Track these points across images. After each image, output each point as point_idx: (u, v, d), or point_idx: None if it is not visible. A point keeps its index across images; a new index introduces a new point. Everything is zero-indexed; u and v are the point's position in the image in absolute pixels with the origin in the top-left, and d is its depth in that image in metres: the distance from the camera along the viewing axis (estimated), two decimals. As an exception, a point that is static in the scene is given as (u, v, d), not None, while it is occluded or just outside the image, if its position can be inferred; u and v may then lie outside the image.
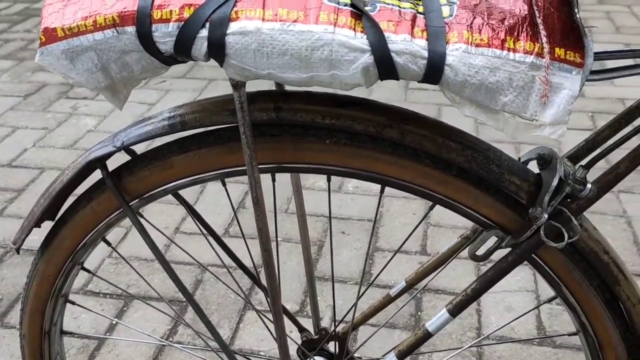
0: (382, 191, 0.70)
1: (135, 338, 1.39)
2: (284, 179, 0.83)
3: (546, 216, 0.62)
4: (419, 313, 1.52)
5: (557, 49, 0.56)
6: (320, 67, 0.55)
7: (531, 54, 0.55)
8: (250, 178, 0.63)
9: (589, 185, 0.62)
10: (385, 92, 2.62)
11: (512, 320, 1.05)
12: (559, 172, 0.62)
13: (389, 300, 0.85)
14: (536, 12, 0.57)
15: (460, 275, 1.61)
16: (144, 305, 1.53)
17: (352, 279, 1.64)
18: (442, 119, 2.39)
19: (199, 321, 1.52)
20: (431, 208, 0.71)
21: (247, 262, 1.70)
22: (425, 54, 0.55)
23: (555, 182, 0.62)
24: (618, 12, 3.32)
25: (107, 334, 1.48)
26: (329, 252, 1.74)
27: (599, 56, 0.63)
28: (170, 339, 1.46)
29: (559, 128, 0.56)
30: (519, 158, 0.70)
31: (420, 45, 0.55)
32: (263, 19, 0.55)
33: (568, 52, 0.56)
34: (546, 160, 0.66)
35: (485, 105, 0.56)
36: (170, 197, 0.74)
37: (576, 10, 0.58)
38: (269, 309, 1.12)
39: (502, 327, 1.22)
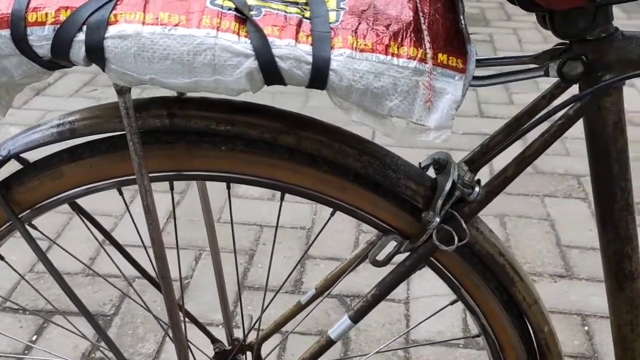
0: (282, 198, 0.70)
1: (51, 357, 1.33)
2: (215, 186, 0.82)
3: (438, 220, 0.63)
4: (349, 320, 1.52)
5: (440, 55, 0.56)
6: (204, 72, 0.54)
7: (414, 59, 0.56)
8: (140, 186, 0.62)
9: (477, 189, 0.63)
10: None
11: (415, 326, 1.05)
12: (452, 176, 0.63)
13: (300, 308, 0.85)
14: (422, 18, 0.58)
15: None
16: (65, 321, 1.47)
17: (283, 287, 1.63)
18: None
19: (124, 335, 1.48)
20: (331, 215, 0.71)
21: (175, 273, 1.68)
22: (310, 59, 0.54)
23: (448, 186, 0.63)
24: (525, 29, 3.44)
25: (26, 352, 1.42)
26: (260, 261, 1.73)
27: (484, 62, 0.65)
28: (92, 355, 1.41)
29: (444, 132, 0.56)
30: (420, 163, 0.71)
31: (304, 50, 0.54)
32: (143, 23, 0.54)
33: (451, 57, 0.57)
34: (441, 164, 0.66)
35: (373, 110, 0.57)
36: (101, 205, 0.71)
37: (462, 17, 0.59)
38: (200, 320, 1.09)
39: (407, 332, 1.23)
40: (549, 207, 1.95)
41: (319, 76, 0.55)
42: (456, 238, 0.62)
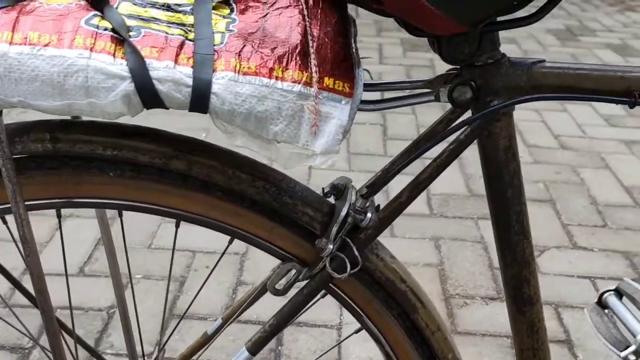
0: (177, 226, 0.67)
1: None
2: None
3: (331, 247, 0.61)
4: (279, 347, 1.49)
5: (326, 79, 0.55)
6: (76, 95, 0.52)
7: (299, 83, 0.55)
8: (15, 215, 0.58)
9: (369, 215, 0.62)
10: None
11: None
12: (348, 202, 0.62)
13: (206, 340, 0.82)
14: (310, 41, 0.57)
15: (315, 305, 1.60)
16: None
17: (213, 314, 1.59)
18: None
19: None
20: (229, 242, 0.69)
21: (102, 303, 1.62)
22: (190, 81, 0.53)
23: (343, 213, 0.62)
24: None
25: None
26: (190, 289, 1.68)
27: (379, 87, 0.64)
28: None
29: (330, 157, 0.55)
30: (323, 188, 0.70)
31: (184, 72, 0.53)
32: (11, 43, 0.51)
33: (337, 81, 0.56)
34: (340, 190, 0.65)
35: (258, 134, 0.55)
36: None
37: (352, 41, 0.58)
38: (121, 352, 1.04)
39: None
40: (483, 230, 1.97)
41: (199, 100, 0.53)
42: (349, 265, 0.61)
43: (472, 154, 0.65)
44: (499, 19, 0.58)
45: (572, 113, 2.72)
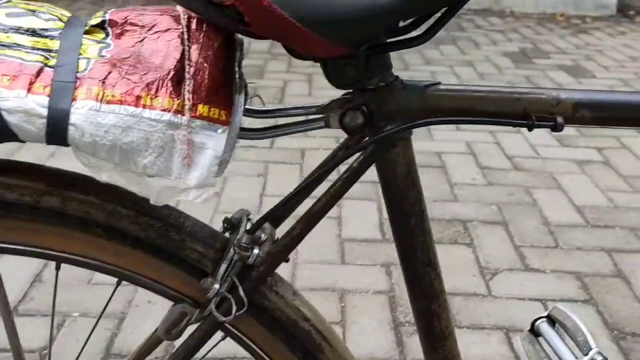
0: (57, 268, 0.62)
1: None
2: None
3: (217, 287, 0.57)
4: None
5: (200, 106, 0.51)
6: None
7: (169, 111, 0.50)
8: None
9: (255, 251, 0.57)
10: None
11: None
12: (239, 237, 0.58)
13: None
14: (187, 66, 0.53)
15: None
16: None
17: (155, 353, 1.51)
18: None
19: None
20: (117, 285, 0.63)
21: (34, 344, 1.53)
22: (44, 112, 0.48)
23: (232, 250, 0.57)
24: (442, 73, 3.56)
25: None
26: (130, 326, 1.61)
27: (270, 113, 0.61)
28: None
29: (205, 191, 0.51)
30: (227, 218, 0.65)
31: (38, 102, 0.48)
32: None
33: (212, 109, 0.52)
34: (233, 224, 0.61)
35: (126, 168, 0.51)
36: None
37: (236, 65, 0.55)
38: None
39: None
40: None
41: (56, 132, 0.48)
42: (234, 307, 0.56)
43: (427, 178, 0.61)
44: (389, 39, 0.55)
45: (526, 133, 2.73)
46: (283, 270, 1.76)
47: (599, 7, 5.05)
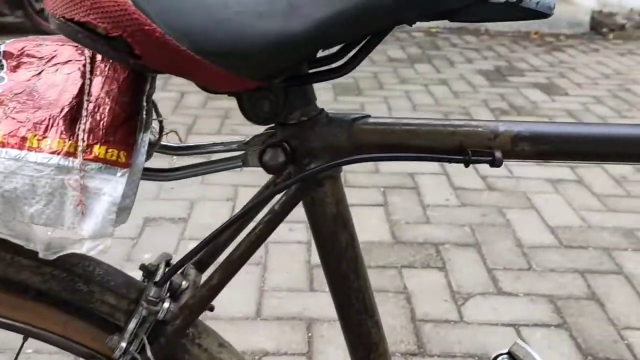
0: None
1: None
2: None
3: (124, 345, 0.51)
4: None
5: (97, 147, 0.46)
6: None
7: (59, 154, 0.45)
8: None
9: (165, 305, 0.52)
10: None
11: None
12: (147, 290, 0.52)
13: None
14: (85, 102, 0.48)
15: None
16: None
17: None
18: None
19: None
20: (24, 340, 0.58)
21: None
22: None
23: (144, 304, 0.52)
24: (417, 92, 3.55)
25: None
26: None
27: (186, 151, 0.56)
28: None
29: (102, 242, 0.46)
30: (143, 266, 0.60)
31: None
32: None
33: (111, 150, 0.47)
34: (150, 271, 0.55)
35: (10, 218, 0.45)
36: None
37: (143, 100, 0.50)
38: None
39: None
40: (407, 279, 1.90)
41: None
42: (141, 367, 0.50)
43: (399, 199, 0.56)
44: (310, 70, 0.50)
45: (499, 153, 2.71)
46: (249, 298, 1.68)
47: (573, 25, 5.09)
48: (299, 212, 0.56)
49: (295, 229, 2.11)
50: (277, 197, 0.53)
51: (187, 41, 0.41)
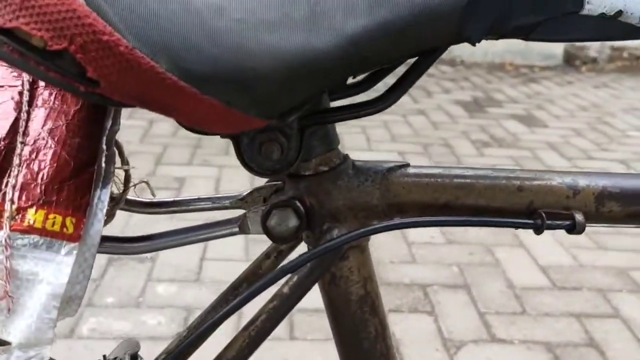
0: None
1: None
2: None
3: None
4: None
5: (31, 212, 0.32)
6: None
7: (-26, 224, 0.31)
8: None
9: None
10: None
11: None
12: None
13: None
14: (19, 145, 0.33)
15: None
16: None
17: None
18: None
19: None
20: None
21: None
22: None
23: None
24: (395, 122, 3.46)
25: None
26: None
27: (160, 209, 0.41)
28: None
29: (39, 350, 0.31)
30: (105, 356, 0.45)
31: None
32: None
33: (52, 215, 0.32)
34: (108, 370, 0.41)
35: None
36: None
37: (103, 142, 0.35)
38: None
39: None
40: (394, 325, 1.76)
41: None
42: None
43: (382, 236, 0.42)
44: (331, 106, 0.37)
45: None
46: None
47: (546, 57, 5.12)
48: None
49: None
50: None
51: (166, 59, 0.27)
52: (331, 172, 0.37)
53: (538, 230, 0.38)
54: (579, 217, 0.38)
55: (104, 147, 0.35)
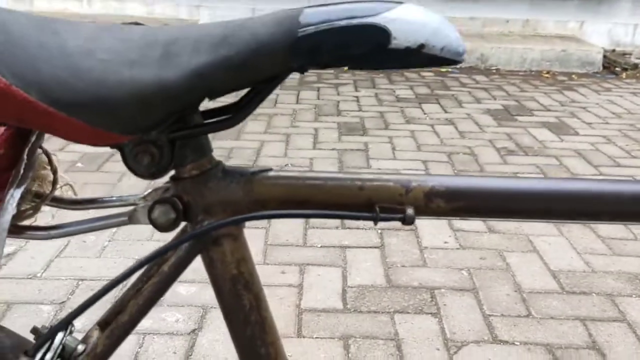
0: None
1: None
2: None
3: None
4: None
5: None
6: None
7: None
8: None
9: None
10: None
11: None
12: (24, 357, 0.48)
13: None
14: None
15: None
16: None
17: None
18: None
19: None
20: None
21: None
22: None
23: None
24: (422, 132, 3.51)
25: None
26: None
27: (81, 205, 0.52)
28: None
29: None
30: (35, 328, 0.55)
31: None
32: None
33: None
34: (40, 335, 0.51)
35: None
36: None
37: (25, 152, 0.47)
38: None
39: None
40: (398, 325, 1.82)
41: None
42: None
43: (396, 241, 0.52)
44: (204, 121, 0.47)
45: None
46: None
47: (585, 64, 5.05)
48: (295, 253, 0.52)
49: (288, 271, 2.07)
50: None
51: (37, 91, 0.38)
52: (203, 175, 0.47)
53: (374, 221, 0.47)
54: (409, 211, 0.46)
55: (25, 156, 0.46)
